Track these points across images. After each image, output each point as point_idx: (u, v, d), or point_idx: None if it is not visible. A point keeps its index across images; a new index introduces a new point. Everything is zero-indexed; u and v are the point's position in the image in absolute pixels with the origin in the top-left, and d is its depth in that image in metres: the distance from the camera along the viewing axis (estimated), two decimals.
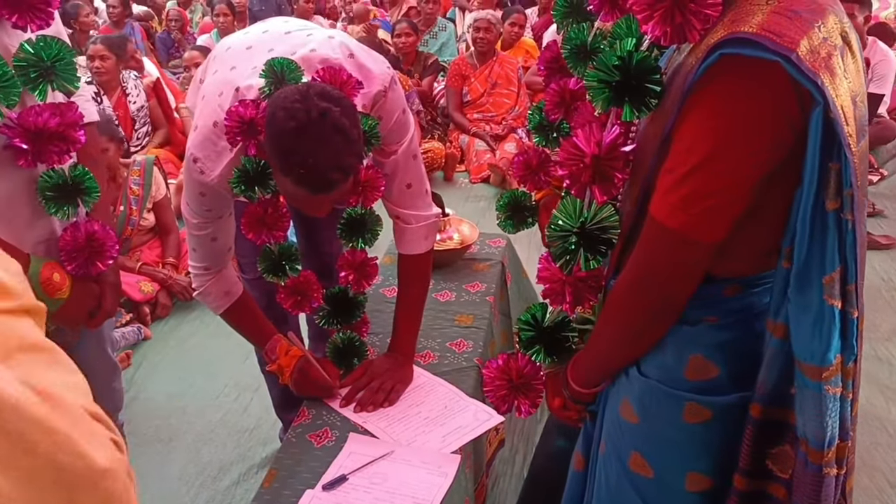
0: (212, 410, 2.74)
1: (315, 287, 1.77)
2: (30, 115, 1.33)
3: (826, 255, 0.88)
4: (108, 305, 1.53)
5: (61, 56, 1.37)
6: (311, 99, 1.34)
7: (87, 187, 1.45)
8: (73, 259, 1.44)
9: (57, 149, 1.37)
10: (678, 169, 0.90)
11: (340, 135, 1.35)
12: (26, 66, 1.33)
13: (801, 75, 0.80)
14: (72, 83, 1.41)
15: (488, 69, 5.23)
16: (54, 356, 0.54)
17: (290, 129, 1.33)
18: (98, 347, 1.68)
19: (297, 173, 1.37)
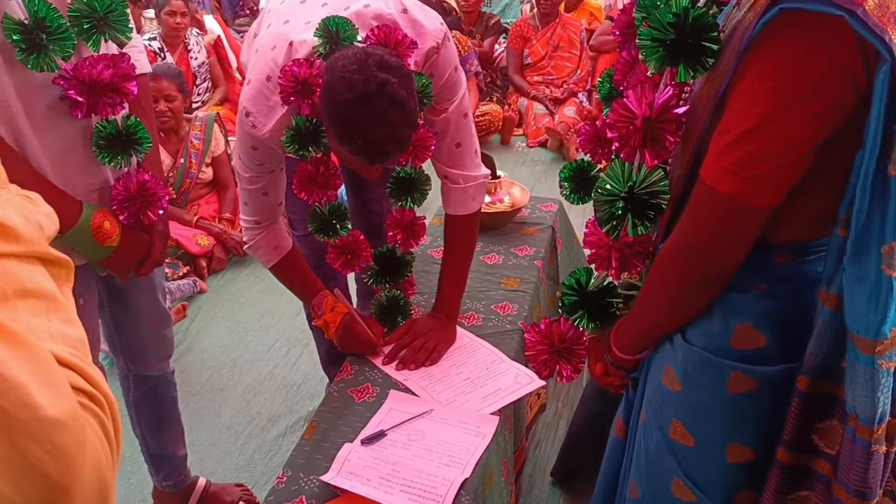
0: (262, 364, 2.80)
1: (364, 246, 1.78)
2: (84, 67, 1.35)
3: (887, 222, 0.83)
4: (157, 254, 1.56)
5: (114, 7, 1.39)
6: (370, 69, 1.33)
7: (140, 137, 1.48)
8: (124, 208, 1.47)
9: (110, 101, 1.39)
10: (733, 130, 0.87)
11: (398, 107, 1.35)
12: (80, 17, 1.35)
13: (868, 31, 0.75)
14: (125, 34, 1.42)
15: (550, 31, 5.13)
16: (53, 304, 0.53)
17: (348, 100, 1.33)
18: (149, 294, 1.72)
19: (354, 144, 1.38)
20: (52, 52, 1.29)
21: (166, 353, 1.87)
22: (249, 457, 2.34)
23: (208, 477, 2.14)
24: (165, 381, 1.92)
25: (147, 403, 1.91)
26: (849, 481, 0.93)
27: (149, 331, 1.79)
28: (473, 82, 4.85)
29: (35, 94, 1.32)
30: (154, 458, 2.00)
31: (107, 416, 0.53)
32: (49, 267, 0.57)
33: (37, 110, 1.33)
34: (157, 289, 1.74)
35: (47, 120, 1.34)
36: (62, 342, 0.52)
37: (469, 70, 4.79)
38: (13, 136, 1.31)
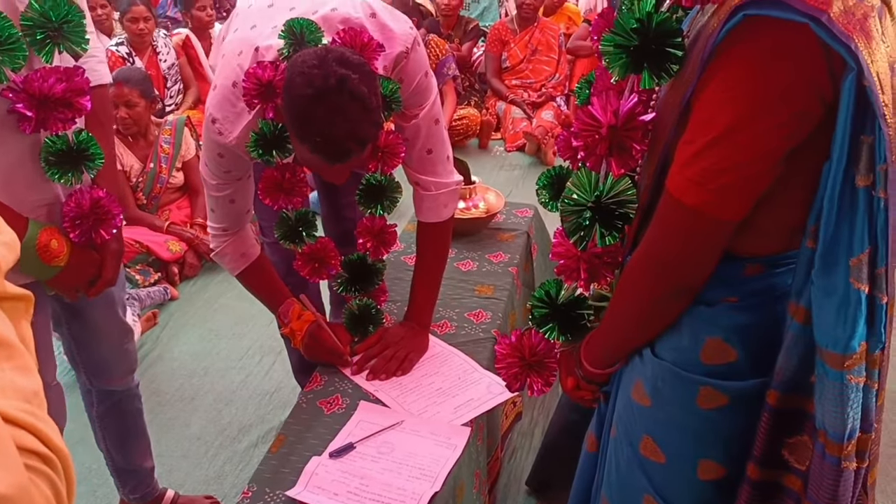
0: (234, 372, 2.75)
1: (333, 254, 1.75)
2: (35, 80, 1.29)
3: (854, 235, 0.81)
4: (109, 274, 1.50)
5: (70, 17, 1.32)
6: (330, 65, 1.31)
7: (92, 153, 1.41)
8: (76, 226, 1.41)
9: (62, 116, 1.33)
10: (697, 140, 0.84)
11: (358, 103, 1.32)
12: (33, 27, 1.28)
13: (833, 38, 0.73)
14: (80, 45, 1.36)
15: (529, 35, 5.12)
16: (6, 352, 0.50)
17: (307, 95, 1.30)
18: (108, 309, 1.66)
19: (313, 141, 1.35)
20: (0, 63, 1.23)
21: (130, 368, 1.82)
22: (220, 468, 2.30)
23: (177, 489, 2.10)
24: (130, 394, 1.86)
25: (111, 418, 1.86)
26: (819, 498, 0.91)
27: (109, 346, 1.73)
28: (451, 86, 4.83)
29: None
30: (120, 471, 1.95)
31: (59, 477, 0.49)
32: (5, 303, 0.53)
33: None
34: (117, 303, 1.69)
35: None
36: (14, 395, 0.49)
37: (447, 74, 4.76)
38: None
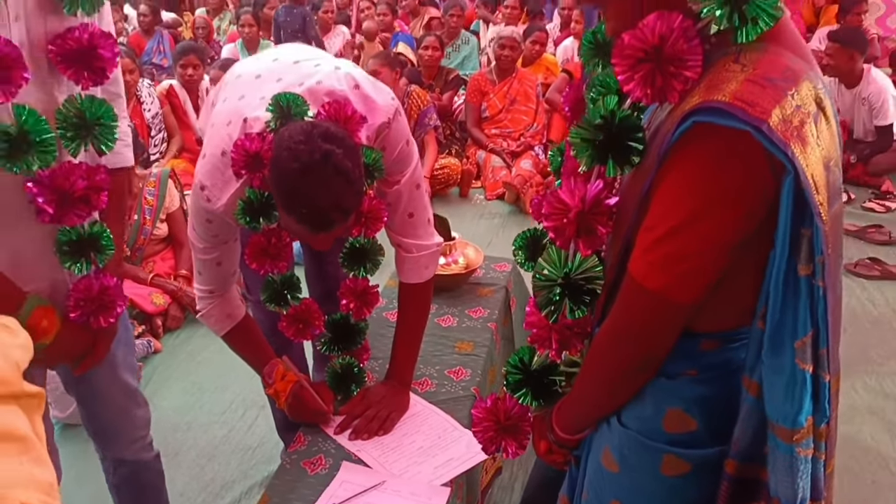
0: (217, 426, 2.77)
1: (317, 315, 1.80)
2: (59, 176, 1.34)
3: (798, 319, 0.88)
4: (99, 353, 1.53)
5: (104, 118, 1.39)
6: (315, 140, 1.37)
7: (104, 245, 1.46)
8: (78, 308, 1.45)
9: (79, 212, 1.38)
10: (657, 228, 0.91)
11: (342, 177, 1.39)
12: (66, 124, 1.35)
13: (772, 145, 0.81)
14: (107, 145, 1.41)
15: (507, 86, 5.25)
16: (25, 445, 0.55)
17: (293, 169, 1.37)
18: (111, 373, 1.66)
19: (299, 212, 1.41)
20: (31, 160, 1.29)
21: (138, 435, 1.80)
22: None
23: None
24: (147, 467, 1.84)
25: (128, 490, 1.85)
26: None
27: (114, 411, 1.73)
28: (433, 136, 4.93)
29: (5, 194, 1.32)
30: None
31: None
32: (22, 400, 0.59)
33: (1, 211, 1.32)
34: (120, 366, 1.69)
35: (6, 219, 1.34)
36: (34, 487, 0.54)
37: (428, 124, 4.87)
38: None
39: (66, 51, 1.32)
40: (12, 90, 1.24)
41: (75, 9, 1.32)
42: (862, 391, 3.01)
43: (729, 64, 0.87)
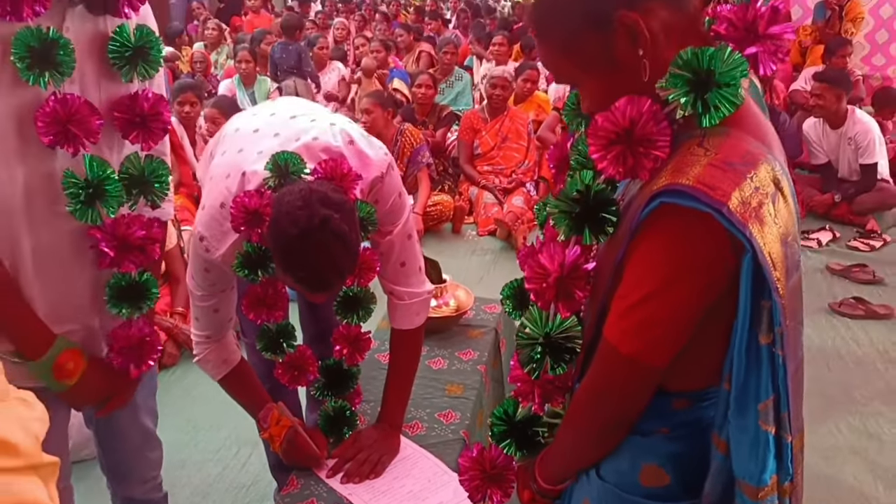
0: (212, 464, 2.80)
1: (311, 362, 1.86)
2: (121, 226, 1.44)
3: (760, 384, 0.95)
4: (124, 399, 1.60)
5: (159, 174, 1.51)
6: (314, 205, 1.43)
7: (151, 293, 1.54)
8: (121, 355, 1.52)
9: (135, 259, 1.47)
10: (629, 297, 0.98)
11: (340, 241, 1.45)
12: (128, 181, 1.47)
13: (732, 226, 0.88)
14: (161, 198, 1.53)
15: (499, 123, 5.36)
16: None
17: (292, 235, 1.43)
18: (131, 414, 1.72)
19: (297, 275, 1.48)
20: (98, 210, 1.40)
21: (150, 475, 1.86)
22: None
23: None
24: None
25: None
26: None
27: (129, 451, 1.80)
28: (425, 173, 5.02)
29: (63, 240, 1.42)
30: None
31: None
32: (41, 470, 0.64)
33: (52, 256, 1.41)
34: (140, 409, 1.75)
35: (56, 265, 1.42)
36: None
37: (421, 161, 4.96)
38: (15, 268, 1.39)
39: (130, 117, 1.43)
40: (91, 140, 1.35)
41: (131, 76, 1.42)
42: (846, 431, 3.05)
43: (694, 147, 0.94)
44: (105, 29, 1.40)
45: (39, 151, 1.33)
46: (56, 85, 1.31)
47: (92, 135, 1.35)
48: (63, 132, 1.31)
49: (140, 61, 1.43)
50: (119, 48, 1.40)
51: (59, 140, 1.32)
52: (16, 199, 1.34)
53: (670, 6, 0.98)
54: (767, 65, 0.97)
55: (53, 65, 1.28)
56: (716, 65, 0.94)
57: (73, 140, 1.33)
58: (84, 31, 1.38)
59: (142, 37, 1.42)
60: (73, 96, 1.33)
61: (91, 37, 1.39)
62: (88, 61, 1.39)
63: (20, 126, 1.31)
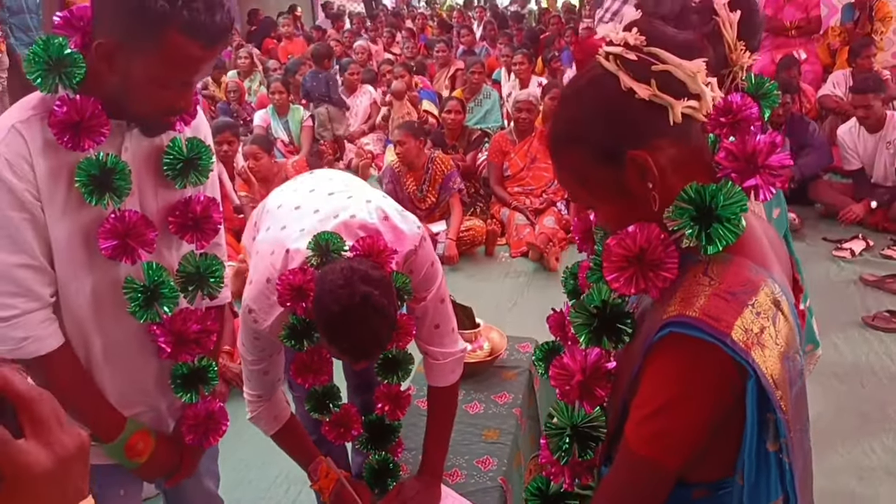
0: (264, 502, 2.95)
1: (356, 419, 2.00)
2: (178, 321, 1.60)
3: (770, 486, 1.04)
4: (188, 471, 1.76)
5: (214, 269, 1.67)
6: (355, 284, 1.57)
7: (210, 377, 1.70)
8: (192, 432, 1.68)
9: (192, 351, 1.63)
10: (646, 407, 1.08)
11: (379, 316, 1.58)
12: (185, 278, 1.63)
13: (736, 354, 0.98)
14: (216, 290, 1.69)
15: (527, 144, 5.45)
16: None
17: (335, 312, 1.56)
18: (196, 482, 1.88)
19: (340, 347, 1.61)
20: (156, 310, 1.56)
21: None
22: None
23: None
24: None
25: None
26: None
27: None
28: (457, 198, 5.14)
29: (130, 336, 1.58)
30: None
31: None
32: None
33: (120, 350, 1.58)
34: (205, 475, 1.93)
35: (125, 355, 1.59)
36: None
37: (452, 187, 5.08)
38: (87, 361, 1.55)
39: (184, 221, 1.59)
40: (147, 250, 1.51)
41: (185, 184, 1.57)
42: (880, 451, 3.09)
43: (700, 276, 1.04)
44: (161, 143, 1.55)
45: (104, 263, 1.49)
46: (115, 205, 1.46)
47: (147, 245, 1.50)
48: (122, 245, 1.47)
49: (192, 171, 1.57)
50: (172, 161, 1.54)
51: (118, 253, 1.47)
52: (85, 304, 1.51)
53: (676, 142, 1.08)
54: (766, 192, 1.07)
55: (112, 189, 1.44)
56: (718, 201, 1.04)
57: (130, 252, 1.48)
58: (141, 148, 1.53)
59: (192, 148, 1.57)
60: (131, 212, 1.48)
61: (147, 153, 1.54)
62: (146, 174, 1.54)
63: (86, 241, 1.47)
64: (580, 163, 1.12)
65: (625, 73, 1.05)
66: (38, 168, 1.39)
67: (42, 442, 0.61)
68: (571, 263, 1.66)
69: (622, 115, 1.07)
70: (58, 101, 1.38)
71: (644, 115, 1.05)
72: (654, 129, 1.06)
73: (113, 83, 1.39)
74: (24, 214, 1.39)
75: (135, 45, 1.33)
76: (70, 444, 0.63)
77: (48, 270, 1.45)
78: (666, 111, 1.04)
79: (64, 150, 1.39)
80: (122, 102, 1.41)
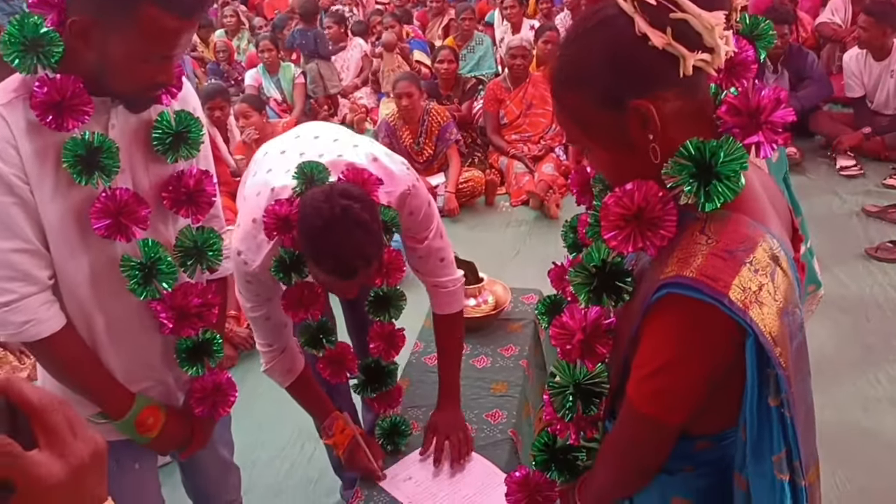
0: (279, 461, 3.01)
1: (350, 357, 2.01)
2: (178, 296, 1.60)
3: (773, 439, 1.05)
4: (201, 441, 1.78)
5: (212, 243, 1.66)
6: (335, 198, 1.57)
7: (215, 350, 1.70)
8: (201, 403, 1.70)
9: (194, 326, 1.63)
10: (645, 367, 1.08)
11: (361, 228, 1.58)
12: (183, 253, 1.62)
13: (734, 314, 0.97)
14: (216, 264, 1.69)
15: (522, 91, 5.38)
16: None
17: (317, 226, 1.57)
18: (210, 450, 1.91)
19: (327, 264, 1.61)
20: (155, 286, 1.56)
21: (230, 498, 2.09)
22: None
23: None
24: None
25: None
26: None
27: (209, 479, 2.02)
28: (454, 149, 5.09)
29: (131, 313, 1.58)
30: None
31: None
32: None
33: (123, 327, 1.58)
34: (218, 442, 1.96)
35: (130, 331, 1.60)
36: None
37: (449, 139, 5.03)
38: (91, 340, 1.55)
39: (177, 196, 1.57)
40: (141, 227, 1.49)
41: (176, 158, 1.55)
42: (885, 382, 3.12)
43: (697, 234, 1.03)
44: (149, 117, 1.52)
45: (99, 241, 1.48)
46: (105, 183, 1.44)
47: (141, 222, 1.49)
48: (115, 224, 1.46)
49: (182, 144, 1.55)
50: (161, 135, 1.52)
51: (112, 232, 1.46)
52: (84, 284, 1.50)
53: (681, 95, 1.04)
54: (768, 149, 1.05)
55: (100, 168, 1.42)
56: (718, 158, 1.02)
57: (124, 230, 1.47)
58: (129, 124, 1.50)
59: (181, 121, 1.54)
60: (122, 190, 1.47)
61: (136, 128, 1.52)
62: (136, 150, 1.52)
63: (80, 221, 1.46)
64: (581, 106, 1.09)
65: (641, 16, 1.00)
66: (23, 151, 1.37)
67: (56, 453, 0.61)
68: (571, 215, 1.65)
69: (631, 62, 1.02)
70: (37, 81, 1.35)
71: (654, 63, 1.01)
72: (662, 80, 1.02)
73: (91, 60, 1.36)
74: (14, 199, 1.38)
75: (109, 20, 1.30)
76: (84, 452, 0.62)
77: (43, 253, 1.44)
78: (677, 61, 1.00)
79: (49, 131, 1.37)
80: (102, 79, 1.39)
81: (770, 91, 1.04)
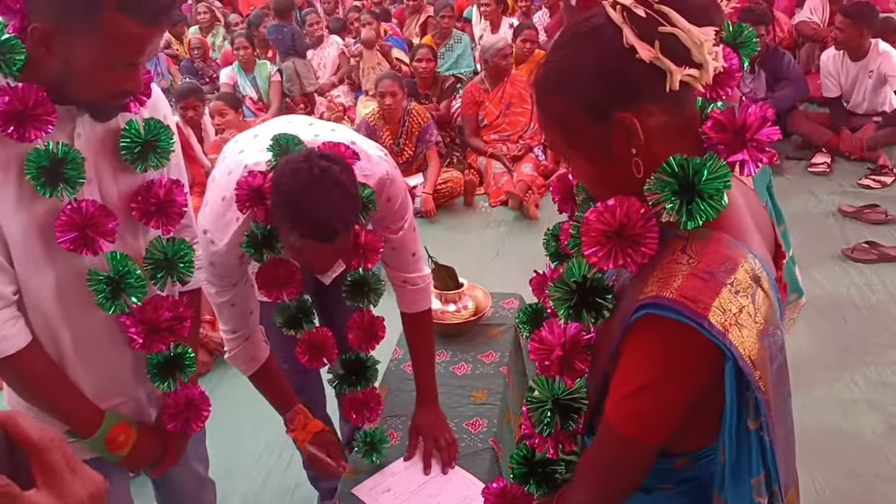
0: (256, 471, 2.97)
1: (331, 342, 1.90)
2: (148, 310, 1.54)
3: (752, 463, 1.03)
4: (171, 458, 1.73)
5: (183, 254, 1.60)
6: (314, 159, 1.54)
7: (187, 364, 1.65)
8: (173, 419, 1.65)
9: (165, 340, 1.58)
10: (623, 388, 1.06)
11: (340, 189, 1.54)
12: (154, 263, 1.57)
13: (713, 337, 0.95)
14: (187, 276, 1.63)
15: (501, 91, 5.35)
16: None
17: (295, 186, 1.52)
18: (183, 466, 1.85)
19: (303, 226, 1.54)
20: (124, 300, 1.50)
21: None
22: None
23: None
24: None
25: None
26: None
27: (185, 496, 1.97)
28: (434, 151, 5.06)
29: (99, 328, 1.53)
30: None
31: None
32: None
33: (91, 342, 1.53)
34: (192, 458, 1.90)
35: (99, 346, 1.54)
36: None
37: (429, 140, 5.00)
38: (59, 356, 1.50)
39: (147, 206, 1.52)
40: (109, 240, 1.44)
41: (145, 168, 1.51)
42: (862, 384, 3.13)
43: (678, 254, 1.01)
44: (117, 125, 1.47)
45: (65, 255, 1.43)
46: (70, 195, 1.39)
47: (108, 235, 1.44)
48: (81, 237, 1.41)
49: (151, 153, 1.50)
50: (129, 144, 1.48)
51: (78, 245, 1.41)
52: (50, 298, 1.45)
53: (667, 109, 1.02)
54: (752, 167, 1.03)
55: (64, 179, 1.37)
56: (701, 175, 1.00)
57: (91, 244, 1.42)
58: (95, 133, 1.45)
59: (150, 129, 1.50)
60: (88, 202, 1.42)
61: (103, 137, 1.47)
62: (103, 159, 1.48)
63: (44, 234, 1.40)
64: (566, 113, 1.06)
65: (629, 27, 0.98)
66: None
67: (54, 493, 0.60)
68: (550, 215, 1.62)
69: (617, 74, 1.00)
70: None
71: (640, 76, 0.98)
72: (648, 93, 1.00)
73: (55, 68, 1.31)
74: None
75: (71, 27, 1.25)
76: (83, 492, 0.62)
77: (7, 268, 1.39)
78: (664, 75, 0.97)
79: (11, 142, 1.32)
80: (66, 88, 1.34)
81: (756, 108, 1.02)
